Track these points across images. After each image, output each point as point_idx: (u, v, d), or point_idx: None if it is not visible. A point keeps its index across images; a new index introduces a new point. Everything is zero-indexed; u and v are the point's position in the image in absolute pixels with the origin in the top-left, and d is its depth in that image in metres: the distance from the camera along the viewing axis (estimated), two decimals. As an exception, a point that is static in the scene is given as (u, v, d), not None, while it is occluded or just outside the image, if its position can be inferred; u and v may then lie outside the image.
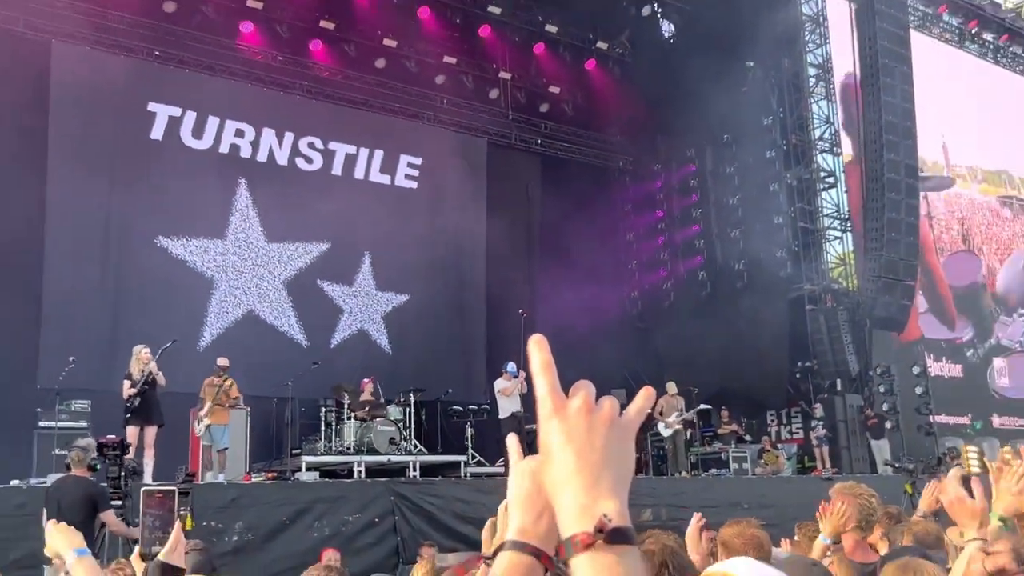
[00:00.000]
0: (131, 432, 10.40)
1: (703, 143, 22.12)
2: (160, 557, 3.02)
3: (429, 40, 20.25)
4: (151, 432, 10.78)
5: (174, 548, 3.04)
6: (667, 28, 23.41)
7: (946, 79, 23.21)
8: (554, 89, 22.54)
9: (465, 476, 14.17)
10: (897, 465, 16.03)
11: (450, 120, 21.04)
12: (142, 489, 3.30)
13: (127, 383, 10.91)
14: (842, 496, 4.12)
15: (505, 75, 21.43)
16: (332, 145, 19.26)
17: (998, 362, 23.35)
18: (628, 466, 1.03)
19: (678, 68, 21.04)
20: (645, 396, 1.08)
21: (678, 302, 22.58)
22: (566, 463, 1.00)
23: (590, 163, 23.45)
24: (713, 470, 16.43)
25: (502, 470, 14.28)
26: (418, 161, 20.32)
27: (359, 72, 19.75)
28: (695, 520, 3.97)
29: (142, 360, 10.94)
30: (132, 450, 9.03)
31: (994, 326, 23.96)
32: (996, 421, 22.34)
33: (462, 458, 14.94)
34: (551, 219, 21.95)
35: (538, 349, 1.07)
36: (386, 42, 19.78)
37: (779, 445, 18.41)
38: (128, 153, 16.56)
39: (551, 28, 21.54)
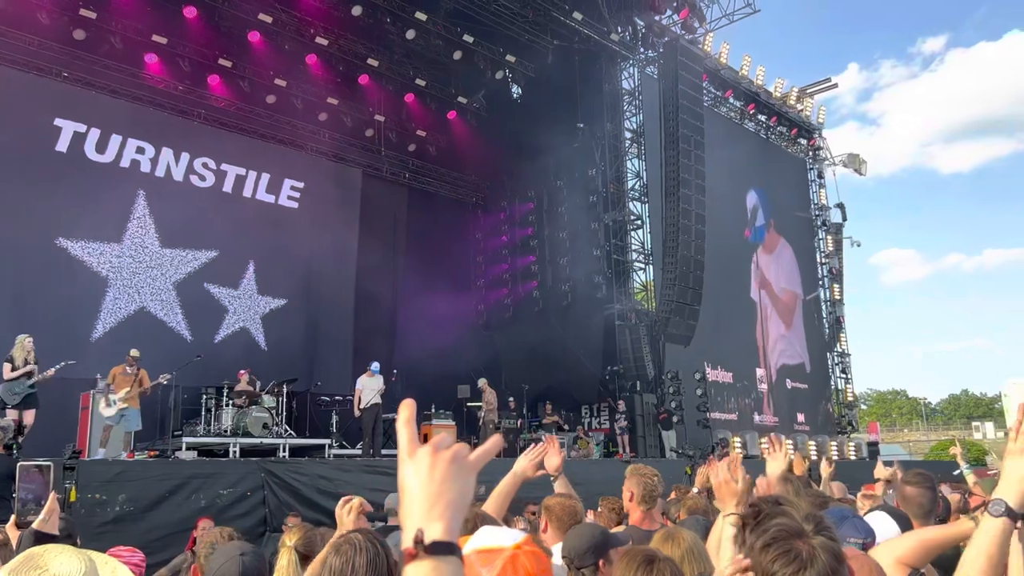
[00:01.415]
0: (12, 415, 9.80)
1: (541, 186, 22.64)
2: (35, 525, 2.84)
3: (314, 83, 19.84)
4: (29, 415, 10.19)
5: (48, 517, 2.86)
6: (516, 90, 23.86)
7: (730, 147, 24.58)
8: (421, 132, 22.53)
9: (329, 457, 13.85)
10: (680, 451, 16.84)
11: (330, 152, 20.68)
12: (19, 464, 3.08)
13: (8, 366, 10.27)
14: (633, 475, 4.22)
15: (379, 117, 21.24)
16: (224, 166, 18.56)
17: (759, 372, 24.66)
18: (465, 495, 1.07)
19: (524, 123, 21.53)
20: (493, 442, 1.16)
21: (516, 315, 22.95)
22: (410, 493, 1.04)
23: (449, 196, 23.58)
24: (536, 454, 16.63)
25: (360, 452, 14.08)
26: (300, 185, 19.88)
27: (251, 105, 19.13)
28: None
29: (25, 348, 10.30)
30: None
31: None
32: (756, 418, 23.63)
33: (327, 441, 14.62)
34: (415, 241, 21.90)
35: (405, 408, 1.10)
36: (277, 81, 19.26)
37: (590, 433, 18.88)
38: (34, 161, 15.39)
39: (420, 82, 21.54)
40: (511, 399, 18.73)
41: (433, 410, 15.78)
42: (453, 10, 19.24)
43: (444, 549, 1.01)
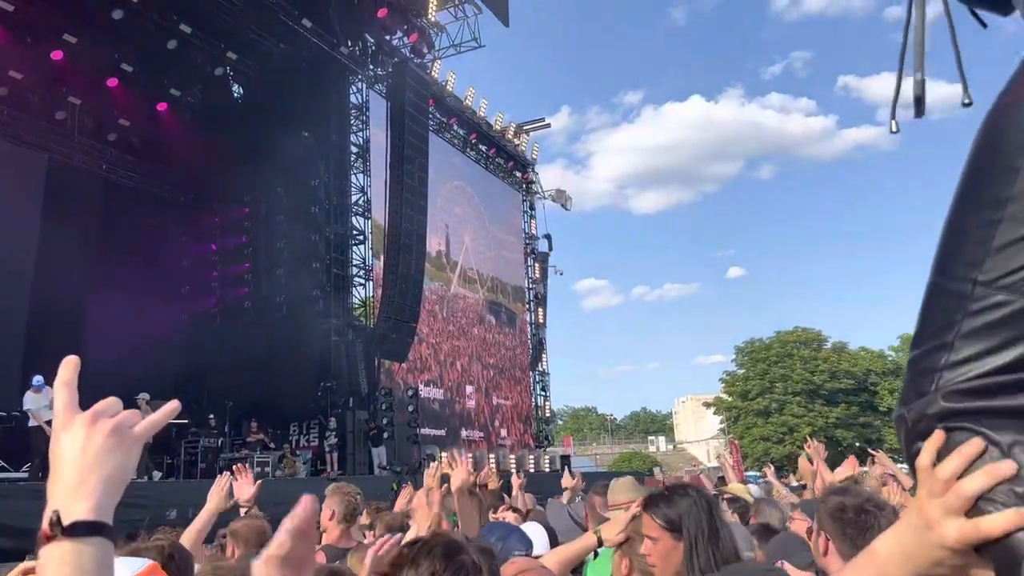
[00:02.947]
0: None
1: (259, 193, 21.71)
2: None
3: (-6, 51, 17.27)
4: None
5: None
6: (237, 89, 22.75)
7: (453, 169, 25.58)
8: (124, 122, 20.56)
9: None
10: (388, 468, 17.02)
11: (8, 132, 18.05)
12: None
13: None
14: (335, 493, 4.22)
15: (75, 100, 19.03)
16: None
17: (469, 388, 25.77)
18: (125, 470, 0.96)
19: (244, 125, 20.57)
20: (165, 411, 1.03)
21: (224, 326, 21.67)
22: (59, 466, 0.93)
23: (154, 193, 21.69)
24: (238, 474, 15.84)
25: (26, 475, 12.39)
26: (-32, 167, 17.06)
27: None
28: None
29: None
30: None
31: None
32: (464, 433, 24.64)
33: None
34: (111, 239, 19.77)
35: (65, 368, 0.98)
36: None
37: (298, 452, 18.39)
38: None
39: (127, 67, 19.68)
40: (212, 416, 17.59)
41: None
42: (171, -5, 17.91)
43: (88, 530, 0.89)
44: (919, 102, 1.06)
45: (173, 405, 1.03)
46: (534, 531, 3.18)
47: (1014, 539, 0.84)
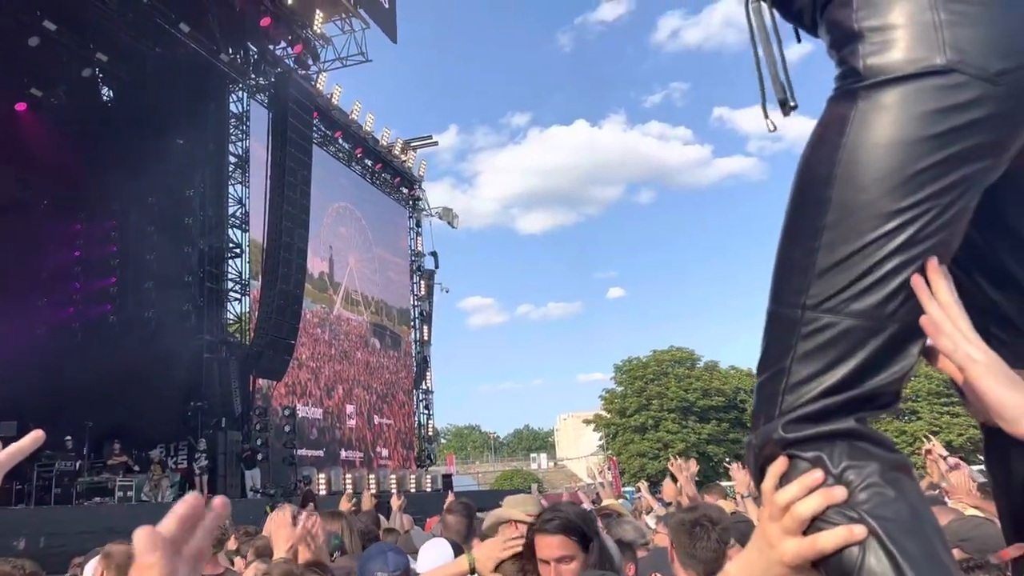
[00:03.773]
0: None
1: (129, 201, 20.62)
2: None
3: None
4: None
5: None
6: (107, 92, 21.64)
7: (338, 189, 25.22)
8: (-23, 121, 19.13)
9: None
10: (262, 491, 16.48)
11: None
12: None
13: None
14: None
15: (-80, 95, 17.58)
16: None
17: (349, 408, 25.34)
18: None
19: (115, 130, 19.59)
20: (28, 439, 0.98)
21: (85, 342, 20.40)
22: None
23: (8, 196, 20.22)
24: (97, 498, 14.98)
25: None
26: None
27: None
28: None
29: None
30: None
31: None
32: (343, 454, 24.17)
33: None
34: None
35: None
36: None
37: (166, 474, 17.50)
38: None
39: (-18, 62, 18.37)
40: (69, 438, 16.48)
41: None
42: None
43: None
44: (783, 104, 1.14)
45: (37, 434, 0.98)
46: (440, 548, 3.20)
47: (845, 554, 0.93)
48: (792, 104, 1.14)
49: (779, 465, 1.00)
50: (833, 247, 1.00)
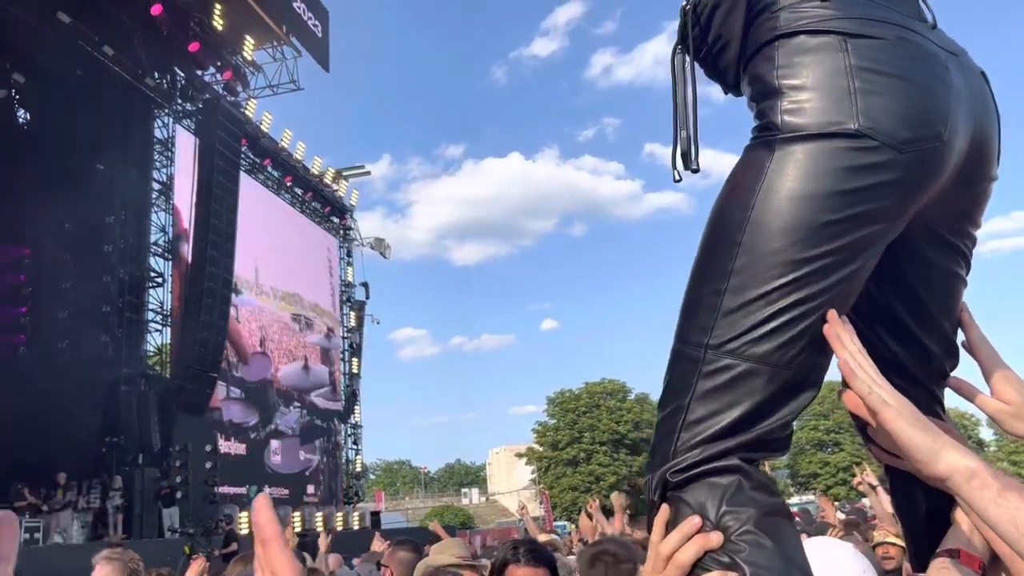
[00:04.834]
0: None
1: (44, 227, 19.84)
2: None
3: None
4: None
5: None
6: (23, 115, 20.91)
7: (264, 215, 24.78)
8: None
9: None
10: (180, 530, 15.87)
11: None
12: None
13: None
14: (108, 561, 3.91)
15: None
16: None
17: (274, 443, 24.68)
18: None
19: (31, 153, 18.91)
20: None
21: (-9, 374, 19.39)
22: None
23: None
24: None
25: None
26: None
27: None
28: None
29: None
30: None
31: (275, 415, 25.33)
32: (267, 491, 23.47)
33: None
34: None
35: None
36: None
37: (76, 514, 16.70)
38: None
39: None
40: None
41: None
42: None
43: None
44: (686, 157, 1.19)
45: None
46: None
47: None
48: (694, 166, 1.19)
49: (663, 514, 1.05)
50: (739, 291, 1.04)
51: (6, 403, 17.47)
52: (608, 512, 6.57)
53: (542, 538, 7.45)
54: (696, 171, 1.20)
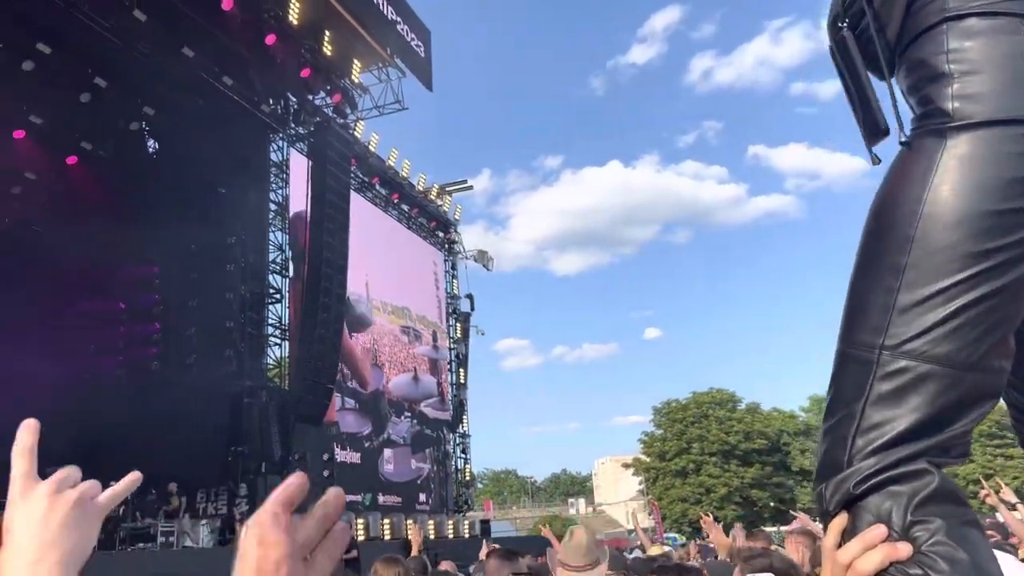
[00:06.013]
0: None
1: (172, 249, 21.13)
2: None
3: None
4: None
5: None
6: (152, 144, 22.40)
7: (373, 232, 25.57)
8: (30, 175, 19.88)
9: None
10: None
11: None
12: None
13: None
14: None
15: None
16: None
17: (387, 452, 25.31)
18: (83, 546, 0.89)
19: (159, 180, 20.21)
20: (126, 481, 0.98)
21: (129, 387, 20.81)
22: (16, 542, 0.85)
23: (58, 247, 20.88)
24: (140, 544, 15.14)
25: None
26: None
27: None
28: None
29: None
30: None
31: (387, 424, 26.01)
32: (381, 499, 24.07)
33: None
34: (5, 298, 18.89)
35: (26, 432, 0.91)
36: None
37: (204, 520, 17.61)
38: None
39: (35, 119, 19.17)
40: (112, 482, 16.72)
41: None
42: (82, 48, 17.57)
43: None
44: (885, 133, 1.11)
45: (135, 476, 0.98)
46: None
47: None
48: (903, 139, 1.09)
49: (840, 521, 0.98)
50: (915, 287, 0.97)
51: (141, 415, 18.70)
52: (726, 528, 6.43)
53: (654, 550, 7.37)
54: (904, 144, 1.09)
